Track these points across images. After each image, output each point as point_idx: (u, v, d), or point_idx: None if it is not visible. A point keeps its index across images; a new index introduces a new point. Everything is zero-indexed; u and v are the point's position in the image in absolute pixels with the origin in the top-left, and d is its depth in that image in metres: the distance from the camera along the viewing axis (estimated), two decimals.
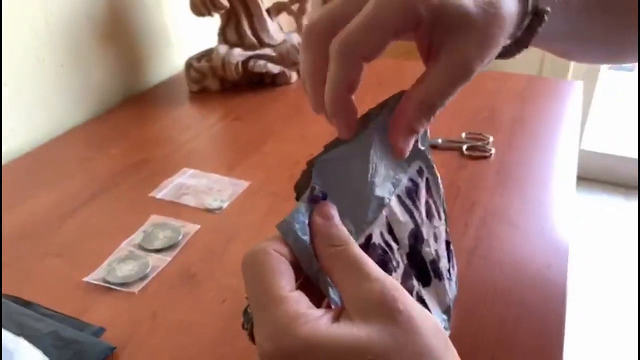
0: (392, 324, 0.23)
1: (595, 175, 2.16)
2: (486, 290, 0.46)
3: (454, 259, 0.38)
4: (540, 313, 0.44)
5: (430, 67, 0.29)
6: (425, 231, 0.35)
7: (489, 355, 0.40)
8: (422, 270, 0.35)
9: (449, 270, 0.38)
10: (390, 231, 0.32)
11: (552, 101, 0.83)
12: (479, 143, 0.68)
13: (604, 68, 2.56)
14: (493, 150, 0.67)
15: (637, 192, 2.08)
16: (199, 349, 0.41)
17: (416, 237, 0.34)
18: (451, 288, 0.37)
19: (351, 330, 0.23)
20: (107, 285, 0.48)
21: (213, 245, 0.53)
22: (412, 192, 0.34)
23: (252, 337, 0.28)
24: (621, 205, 2.03)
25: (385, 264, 0.32)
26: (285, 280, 0.26)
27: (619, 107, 2.66)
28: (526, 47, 0.33)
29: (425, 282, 0.35)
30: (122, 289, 0.47)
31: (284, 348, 0.23)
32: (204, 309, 0.45)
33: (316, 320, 0.24)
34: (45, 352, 0.40)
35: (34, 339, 0.41)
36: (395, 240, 0.33)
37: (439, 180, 0.36)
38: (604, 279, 1.68)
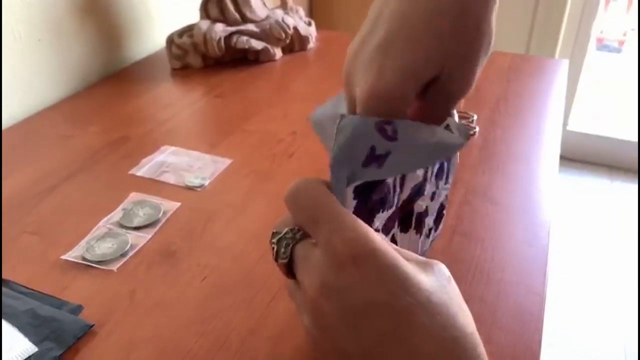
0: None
1: (581, 156, 2.18)
2: (467, 267, 0.46)
3: (441, 223, 0.40)
4: (520, 290, 0.44)
5: (428, 99, 0.32)
6: (428, 188, 0.37)
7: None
8: (406, 217, 0.37)
9: (430, 229, 0.39)
10: (403, 176, 0.34)
11: (537, 80, 0.82)
12: (463, 121, 0.68)
13: (591, 49, 2.56)
14: (477, 129, 0.67)
15: (621, 172, 2.10)
16: (178, 327, 0.41)
17: (418, 190, 0.36)
18: (424, 245, 0.40)
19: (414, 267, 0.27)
20: (85, 263, 0.47)
21: (193, 223, 0.52)
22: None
23: (287, 268, 0.30)
24: (606, 186, 2.05)
25: (383, 203, 0.33)
26: None
27: (606, 88, 2.68)
28: None
29: (404, 228, 0.37)
30: (101, 267, 0.47)
31: (358, 251, 0.26)
32: (183, 287, 0.45)
33: (381, 239, 0.27)
34: (22, 330, 0.40)
35: (11, 317, 0.41)
36: (401, 185, 0.34)
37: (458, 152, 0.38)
38: (588, 258, 1.70)
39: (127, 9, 0.90)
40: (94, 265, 0.47)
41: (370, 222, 0.33)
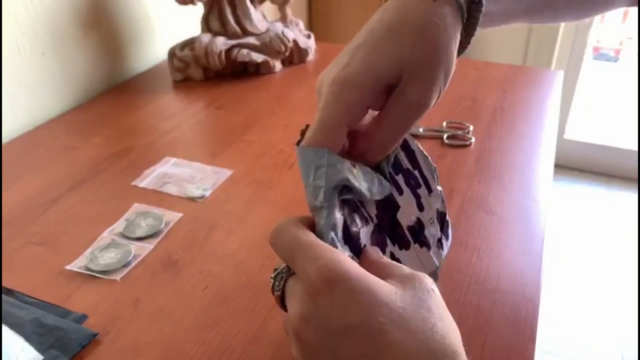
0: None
1: (579, 165, 2.19)
2: (463, 276, 0.47)
3: (449, 229, 0.40)
4: (515, 298, 0.45)
5: (385, 109, 0.33)
6: (402, 200, 0.37)
7: (464, 340, 0.41)
8: (396, 233, 0.37)
9: (439, 240, 0.39)
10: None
11: (532, 90, 0.84)
12: (460, 132, 0.69)
13: (588, 58, 2.58)
14: (473, 139, 0.68)
15: (619, 181, 2.11)
16: (181, 334, 0.42)
17: (387, 204, 0.37)
18: (439, 257, 0.39)
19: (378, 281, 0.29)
20: (89, 273, 0.48)
21: (195, 233, 0.53)
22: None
23: (281, 301, 0.32)
24: (603, 194, 2.06)
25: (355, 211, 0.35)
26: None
27: (602, 97, 2.69)
28: (472, 35, 0.36)
29: (402, 245, 0.37)
30: (105, 277, 0.48)
31: (329, 276, 0.28)
32: (185, 296, 0.46)
33: (352, 262, 0.29)
34: (28, 339, 0.41)
35: (16, 326, 0.42)
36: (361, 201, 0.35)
37: (429, 159, 0.39)
38: (586, 266, 1.71)
39: (130, 23, 0.92)
40: (98, 275, 0.48)
41: (354, 237, 0.34)
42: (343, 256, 0.29)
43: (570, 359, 1.40)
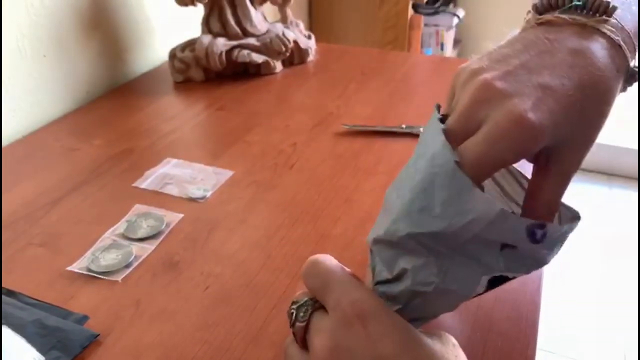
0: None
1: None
2: None
3: None
4: (517, 296, 0.45)
5: (545, 175, 0.31)
6: None
7: (465, 336, 0.41)
8: None
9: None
10: None
11: None
12: None
13: None
14: None
15: (620, 180, 2.11)
16: (182, 336, 0.42)
17: None
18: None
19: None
20: (90, 274, 0.48)
21: (196, 233, 0.53)
22: None
23: (302, 334, 0.31)
24: (605, 193, 2.06)
25: None
26: None
27: None
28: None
29: None
30: (106, 278, 0.48)
31: (365, 310, 0.28)
32: (186, 297, 0.46)
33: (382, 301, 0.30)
34: (29, 340, 0.41)
35: (18, 327, 0.42)
36: None
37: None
38: (587, 264, 1.70)
39: (131, 25, 0.92)
40: (99, 276, 0.48)
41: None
42: (378, 297, 0.30)
43: (572, 359, 1.40)
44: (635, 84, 0.36)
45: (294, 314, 0.32)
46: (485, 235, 0.28)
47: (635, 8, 0.32)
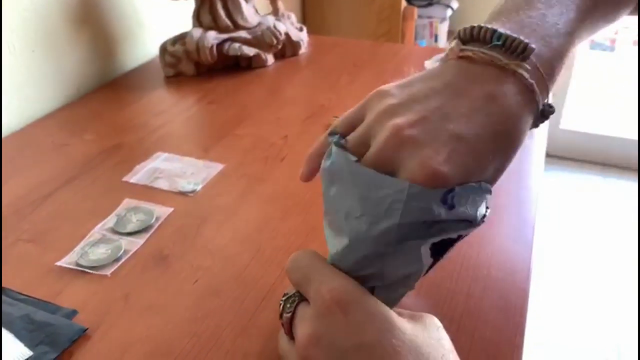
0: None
1: (575, 154, 2.19)
2: (453, 264, 0.47)
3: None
4: (506, 285, 0.45)
5: None
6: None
7: (455, 325, 0.41)
8: None
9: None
10: None
11: None
12: None
13: (584, 48, 2.57)
14: None
15: (615, 170, 2.11)
16: (171, 328, 0.42)
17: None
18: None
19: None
20: (79, 268, 0.48)
21: (186, 227, 0.53)
22: None
23: (289, 325, 0.32)
24: (599, 183, 2.06)
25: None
26: None
27: (599, 86, 2.69)
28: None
29: None
30: (95, 272, 0.48)
31: (344, 298, 0.29)
32: (176, 290, 0.46)
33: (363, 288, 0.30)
34: (17, 336, 0.41)
35: (6, 323, 0.42)
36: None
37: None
38: (582, 255, 1.71)
39: (120, 19, 0.92)
40: (88, 270, 0.48)
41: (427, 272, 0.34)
42: (358, 285, 0.30)
43: (563, 350, 1.41)
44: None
45: (282, 306, 0.33)
46: (410, 218, 0.29)
47: (557, 41, 0.32)
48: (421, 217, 0.29)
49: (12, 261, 0.50)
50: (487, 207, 0.33)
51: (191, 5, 0.89)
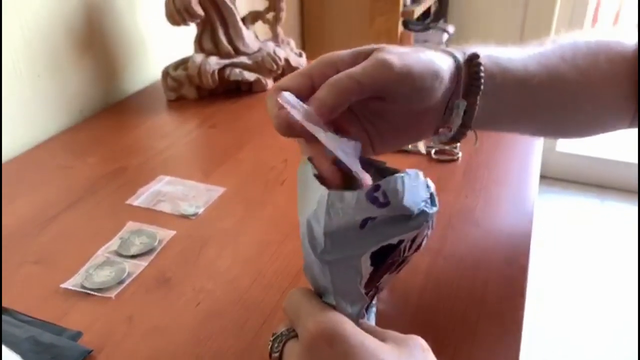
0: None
1: (571, 177, 2.21)
2: (449, 289, 0.48)
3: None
4: (501, 309, 0.46)
5: None
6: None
7: (451, 351, 0.42)
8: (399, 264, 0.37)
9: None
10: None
11: None
12: (447, 147, 0.71)
13: None
14: (460, 154, 0.69)
15: (612, 193, 2.13)
16: (174, 351, 0.43)
17: (420, 244, 0.36)
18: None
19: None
20: (84, 290, 0.49)
21: (188, 250, 0.54)
22: None
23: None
24: (596, 206, 2.07)
25: (392, 265, 0.35)
26: None
27: None
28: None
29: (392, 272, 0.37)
30: (99, 294, 0.49)
31: (326, 330, 0.30)
32: (178, 312, 0.47)
33: (352, 324, 0.31)
34: (24, 357, 0.42)
35: (12, 344, 0.43)
36: (412, 244, 0.35)
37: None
38: (577, 280, 1.71)
39: (124, 44, 0.94)
40: (93, 292, 0.49)
41: (377, 282, 0.35)
42: (345, 318, 0.31)
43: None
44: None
45: (270, 346, 0.34)
46: (336, 225, 0.31)
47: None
48: (350, 221, 0.30)
49: (19, 283, 0.51)
50: (429, 203, 0.33)
51: (193, 31, 0.92)
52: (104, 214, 0.61)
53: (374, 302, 0.40)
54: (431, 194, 0.34)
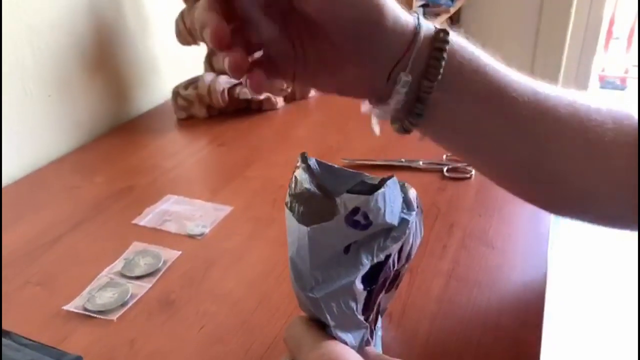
0: None
1: None
2: (463, 312, 0.46)
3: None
4: (518, 334, 0.44)
5: None
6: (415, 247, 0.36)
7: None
8: (393, 279, 0.36)
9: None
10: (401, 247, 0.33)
11: None
12: (460, 165, 0.69)
13: (594, 87, 2.57)
14: (473, 172, 0.68)
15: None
16: None
17: (409, 255, 0.35)
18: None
19: None
20: (86, 313, 0.48)
21: (193, 271, 0.53)
22: None
23: None
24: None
25: (385, 282, 0.34)
26: None
27: None
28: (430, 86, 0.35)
29: (388, 289, 0.36)
30: (101, 317, 0.47)
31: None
32: (181, 336, 0.45)
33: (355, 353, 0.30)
34: None
35: None
36: (399, 256, 0.34)
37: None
38: (595, 302, 1.67)
39: (135, 64, 0.94)
40: (95, 315, 0.48)
41: (374, 304, 0.34)
42: (347, 348, 0.30)
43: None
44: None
45: None
46: (324, 256, 0.30)
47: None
48: (334, 251, 0.29)
49: (21, 304, 0.50)
50: (406, 208, 0.32)
51: (203, 50, 0.92)
52: (110, 234, 0.60)
53: (379, 325, 0.38)
54: (404, 198, 0.32)
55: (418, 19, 0.35)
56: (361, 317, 0.32)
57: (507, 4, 1.98)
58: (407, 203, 0.32)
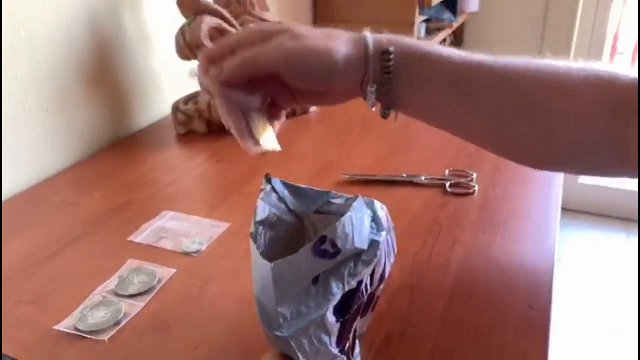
0: None
1: (593, 209, 2.14)
2: (466, 331, 0.45)
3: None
4: (521, 354, 0.42)
5: None
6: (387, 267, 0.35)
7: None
8: (367, 303, 0.34)
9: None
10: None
11: None
12: (463, 180, 0.68)
13: None
14: (477, 187, 0.66)
15: (637, 225, 2.06)
16: None
17: (382, 276, 0.34)
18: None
19: None
20: (77, 333, 0.46)
21: (188, 289, 0.52)
22: None
23: None
24: (622, 241, 2.00)
25: (359, 310, 0.33)
26: None
27: None
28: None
29: (364, 314, 0.35)
30: (93, 337, 0.46)
31: None
32: (175, 357, 0.44)
33: None
34: None
35: None
36: (371, 280, 0.33)
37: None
38: (601, 318, 1.64)
39: (134, 79, 0.94)
40: (86, 335, 0.46)
41: (349, 333, 0.32)
42: None
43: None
44: None
45: None
46: (291, 291, 0.28)
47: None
48: (302, 284, 0.28)
49: (11, 323, 0.48)
50: (375, 228, 0.31)
51: None
52: (105, 251, 0.59)
53: (356, 351, 0.36)
54: (373, 216, 0.31)
55: (365, 40, 0.43)
56: (336, 350, 0.30)
57: (510, 20, 1.99)
58: (376, 221, 0.31)
